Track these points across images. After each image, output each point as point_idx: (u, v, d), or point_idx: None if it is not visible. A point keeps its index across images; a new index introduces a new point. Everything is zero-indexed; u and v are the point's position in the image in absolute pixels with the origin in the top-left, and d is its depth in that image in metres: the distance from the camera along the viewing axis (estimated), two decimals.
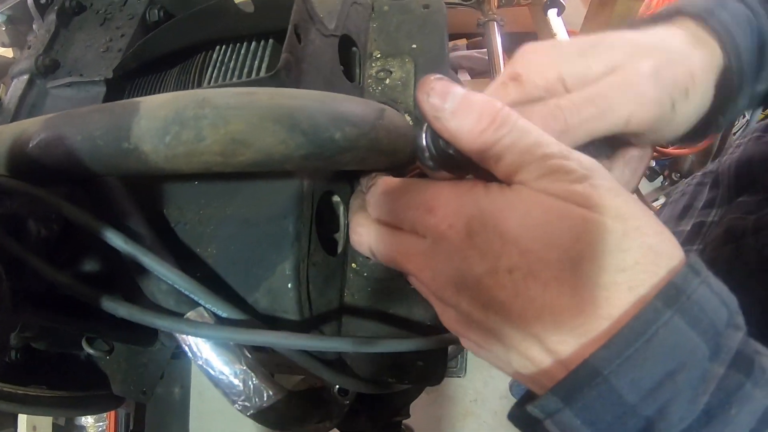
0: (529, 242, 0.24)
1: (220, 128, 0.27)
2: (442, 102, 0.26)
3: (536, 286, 0.24)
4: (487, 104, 0.26)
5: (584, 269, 0.24)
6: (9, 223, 0.42)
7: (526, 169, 0.26)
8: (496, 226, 0.25)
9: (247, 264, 0.36)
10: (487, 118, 0.25)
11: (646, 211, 0.26)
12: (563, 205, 0.25)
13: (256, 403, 0.33)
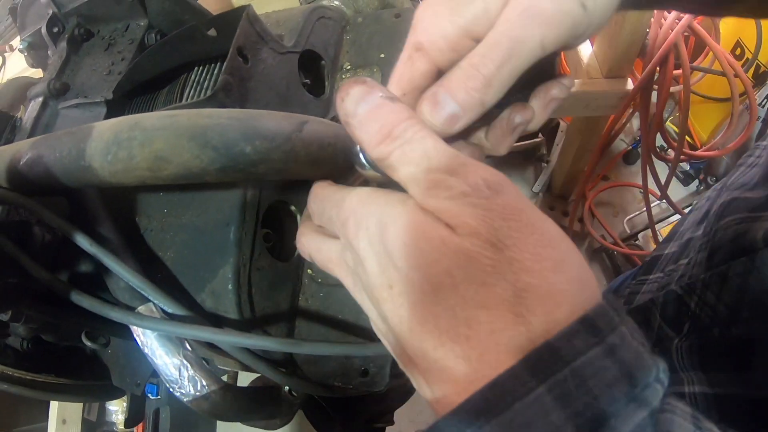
0: (401, 260, 0.24)
1: (146, 147, 0.32)
2: (354, 108, 0.26)
3: (405, 306, 0.24)
4: (391, 115, 0.25)
5: (442, 296, 0.22)
6: (18, 229, 0.49)
7: (414, 182, 0.25)
8: (384, 240, 0.25)
9: (196, 267, 0.40)
10: (385, 130, 0.25)
11: (548, 243, 0.23)
12: (430, 223, 0.23)
13: (190, 392, 0.37)
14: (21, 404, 1.30)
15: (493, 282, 0.22)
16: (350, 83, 0.26)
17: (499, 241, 0.22)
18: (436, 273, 0.22)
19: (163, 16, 0.64)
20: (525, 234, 0.22)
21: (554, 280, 0.22)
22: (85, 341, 0.56)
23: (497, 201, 0.23)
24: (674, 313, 0.58)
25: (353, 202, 0.27)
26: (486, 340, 0.21)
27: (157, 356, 0.37)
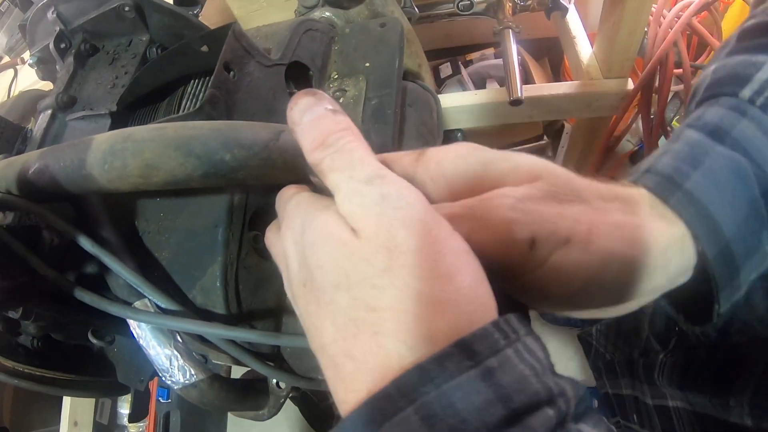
0: (311, 258, 0.26)
1: (138, 157, 0.36)
2: (300, 116, 0.28)
3: (313, 303, 0.26)
4: (328, 125, 0.27)
5: (339, 295, 0.24)
6: (28, 233, 0.54)
7: (337, 188, 0.26)
8: (303, 240, 0.27)
9: (188, 266, 0.45)
10: (320, 138, 0.27)
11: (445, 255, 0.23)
12: (338, 226, 0.25)
13: (180, 380, 0.41)
14: (34, 408, 1.36)
15: (382, 285, 0.23)
16: (301, 94, 0.29)
17: (395, 248, 0.23)
18: (335, 272, 0.24)
19: (163, 31, 0.69)
20: (423, 244, 0.23)
21: (443, 290, 0.23)
22: (91, 339, 0.61)
23: (403, 212, 0.24)
24: (662, 328, 0.59)
25: (290, 204, 0.30)
26: (369, 341, 0.23)
27: (151, 347, 0.42)
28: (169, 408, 1.32)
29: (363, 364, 0.23)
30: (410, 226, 0.24)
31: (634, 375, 0.65)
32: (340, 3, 0.69)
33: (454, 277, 0.23)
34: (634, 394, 0.66)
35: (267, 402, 0.48)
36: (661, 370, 0.56)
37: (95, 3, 0.72)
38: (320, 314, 0.25)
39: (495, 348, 0.22)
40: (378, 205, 0.24)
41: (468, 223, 0.26)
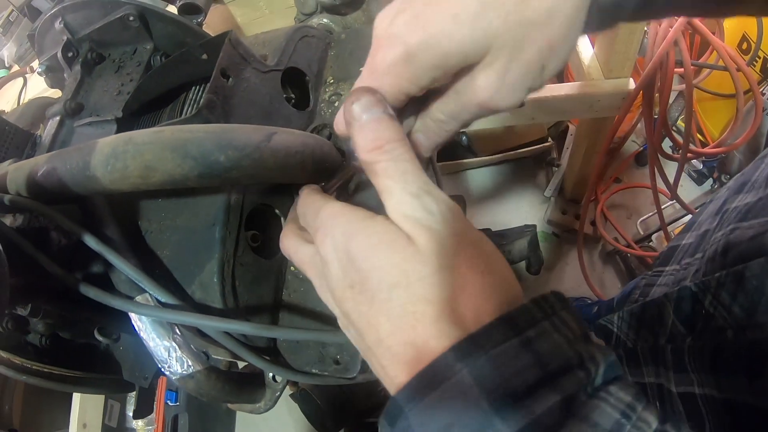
0: (364, 262, 0.29)
1: (137, 159, 0.39)
2: (360, 113, 0.31)
3: (365, 303, 0.29)
4: (386, 131, 0.30)
5: (396, 293, 0.28)
6: (37, 234, 0.58)
7: (389, 194, 0.30)
8: (349, 247, 0.30)
9: (187, 263, 0.47)
10: (378, 142, 0.30)
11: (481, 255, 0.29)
12: (394, 232, 0.29)
13: (178, 371, 0.44)
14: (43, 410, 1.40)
15: (437, 282, 0.27)
16: (363, 91, 0.31)
17: (445, 253, 0.28)
18: (395, 273, 0.28)
19: (167, 39, 0.72)
20: (464, 248, 0.29)
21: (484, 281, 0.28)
22: (97, 336, 0.64)
23: (446, 225, 0.29)
24: (688, 311, 0.59)
25: (325, 214, 0.33)
26: (428, 329, 0.27)
27: (150, 339, 0.44)
28: (177, 411, 1.36)
29: (425, 348, 0.27)
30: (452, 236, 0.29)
31: (659, 362, 0.66)
32: (338, 9, 0.72)
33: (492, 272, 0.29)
34: (657, 382, 0.66)
35: (263, 395, 0.51)
36: (692, 356, 0.56)
37: (101, 13, 0.76)
38: (374, 312, 0.29)
39: (534, 321, 0.27)
40: (426, 218, 0.29)
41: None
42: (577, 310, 0.32)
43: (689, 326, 0.59)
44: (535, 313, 0.27)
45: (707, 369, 0.54)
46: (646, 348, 0.70)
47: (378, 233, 0.29)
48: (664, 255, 0.77)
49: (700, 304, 0.56)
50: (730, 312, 0.50)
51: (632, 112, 1.36)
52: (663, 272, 0.75)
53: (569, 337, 0.27)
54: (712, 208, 0.70)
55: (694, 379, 0.56)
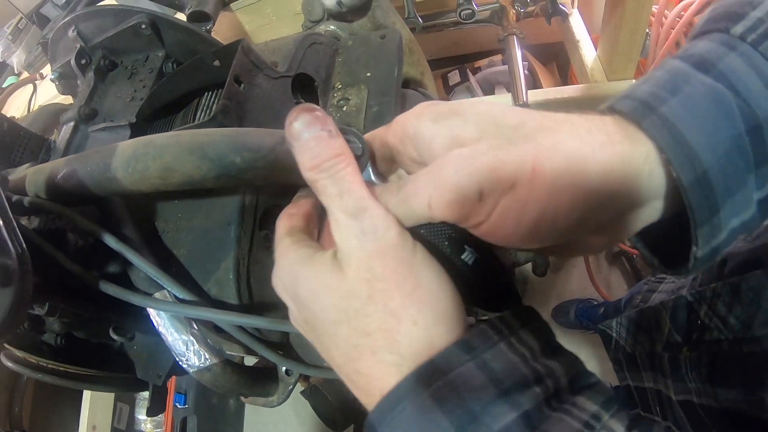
0: (309, 305, 0.31)
1: (157, 160, 0.42)
2: (300, 132, 0.31)
3: (319, 337, 0.32)
4: (325, 149, 0.30)
5: (340, 331, 0.30)
6: (55, 235, 0.60)
7: (330, 213, 0.31)
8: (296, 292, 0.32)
9: (203, 261, 0.50)
10: (317, 161, 0.30)
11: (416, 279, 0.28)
12: (327, 273, 0.30)
13: (195, 364, 0.47)
14: (53, 412, 1.43)
15: (369, 312, 0.29)
16: (302, 109, 0.31)
17: (373, 277, 0.29)
18: (334, 312, 0.30)
19: (178, 47, 0.75)
20: (394, 269, 0.29)
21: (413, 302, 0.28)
22: (112, 335, 0.67)
23: (378, 244, 0.29)
24: (683, 321, 0.59)
25: (277, 253, 0.34)
26: (370, 359, 0.29)
27: (169, 333, 0.47)
28: (186, 413, 1.38)
29: (370, 377, 0.29)
30: (383, 256, 0.29)
31: (657, 369, 0.66)
32: (344, 16, 0.74)
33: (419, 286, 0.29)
34: (656, 388, 0.67)
35: (276, 389, 0.53)
36: (688, 366, 0.57)
37: (114, 21, 0.78)
38: (326, 344, 0.31)
39: (490, 343, 0.28)
40: (358, 240, 0.29)
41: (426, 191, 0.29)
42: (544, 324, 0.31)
43: (685, 336, 0.59)
44: (491, 334, 0.29)
45: (704, 379, 0.54)
46: (644, 354, 0.71)
47: (316, 276, 0.31)
48: None
49: (696, 314, 0.57)
50: (726, 323, 0.51)
51: None
52: (665, 279, 0.76)
53: (526, 355, 0.29)
54: None
55: (691, 389, 0.57)
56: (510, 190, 0.28)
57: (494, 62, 1.66)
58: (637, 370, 0.74)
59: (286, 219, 0.36)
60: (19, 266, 0.45)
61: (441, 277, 0.30)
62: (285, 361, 0.50)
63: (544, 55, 1.68)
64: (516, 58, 1.18)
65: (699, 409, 0.55)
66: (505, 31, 1.21)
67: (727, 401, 0.50)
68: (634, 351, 0.75)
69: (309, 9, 0.76)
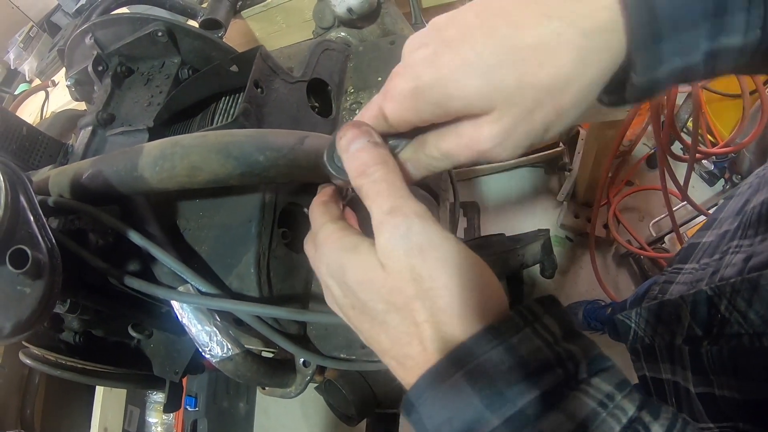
0: (358, 293, 0.34)
1: (185, 160, 0.45)
2: (347, 145, 0.35)
3: (366, 322, 0.34)
4: (369, 158, 0.34)
5: (390, 319, 0.33)
6: (76, 235, 0.63)
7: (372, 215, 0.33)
8: (344, 278, 0.34)
9: (225, 256, 0.53)
10: (362, 168, 0.34)
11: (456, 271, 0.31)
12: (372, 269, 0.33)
13: (218, 354, 0.49)
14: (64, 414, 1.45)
15: (418, 307, 0.31)
16: (349, 126, 0.35)
17: (418, 276, 0.31)
18: (383, 302, 0.33)
19: (193, 53, 0.78)
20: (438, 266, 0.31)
21: (463, 298, 0.31)
22: (131, 332, 0.69)
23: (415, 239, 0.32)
24: (704, 315, 0.60)
25: (320, 237, 0.37)
26: (419, 346, 0.32)
27: (193, 325, 0.50)
28: (196, 416, 1.41)
29: (418, 360, 0.32)
30: (423, 254, 0.31)
31: (675, 361, 0.67)
32: (354, 23, 0.77)
33: (470, 287, 0.31)
34: (674, 379, 0.69)
35: (294, 380, 0.56)
36: (709, 359, 0.58)
37: (130, 29, 0.82)
38: (375, 330, 0.34)
39: (517, 328, 0.31)
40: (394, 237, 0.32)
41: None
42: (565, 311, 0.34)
43: (705, 329, 0.61)
44: (518, 321, 0.31)
45: (728, 372, 0.56)
46: (663, 345, 0.73)
47: (362, 268, 0.33)
48: (684, 251, 0.78)
49: (716, 309, 0.58)
50: (746, 318, 0.52)
51: (641, 116, 1.41)
52: (682, 270, 0.76)
53: (549, 340, 0.31)
54: (733, 206, 0.72)
55: (713, 381, 0.58)
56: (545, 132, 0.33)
57: None
58: (655, 361, 0.75)
59: (322, 206, 0.39)
60: (50, 260, 0.48)
61: (483, 269, 0.33)
62: (303, 353, 0.53)
63: None
64: None
65: (720, 401, 0.57)
66: None
67: (750, 393, 0.52)
68: (653, 342, 0.76)
69: (320, 16, 0.80)
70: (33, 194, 0.50)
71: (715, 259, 0.65)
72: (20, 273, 0.44)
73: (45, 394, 1.42)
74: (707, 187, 1.61)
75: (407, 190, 0.34)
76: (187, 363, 0.71)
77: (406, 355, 0.33)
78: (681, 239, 1.42)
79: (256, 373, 0.52)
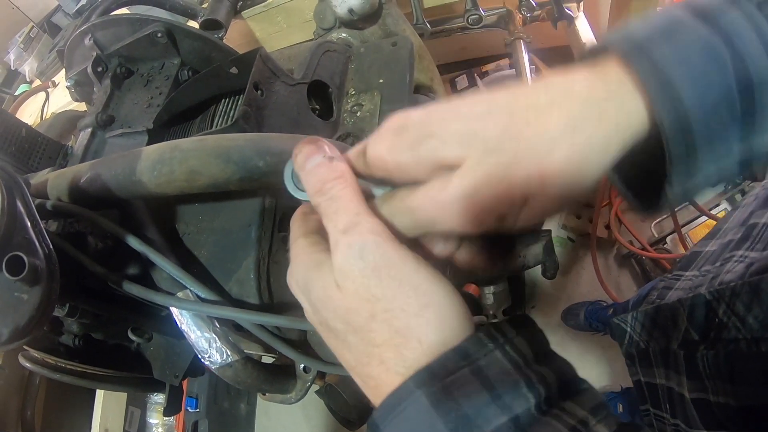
0: (321, 311, 0.33)
1: (183, 164, 0.44)
2: (303, 162, 0.34)
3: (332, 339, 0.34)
4: (325, 174, 0.33)
5: (350, 339, 0.32)
6: (75, 238, 0.62)
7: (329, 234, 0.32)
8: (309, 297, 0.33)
9: (224, 261, 0.52)
10: (318, 185, 0.33)
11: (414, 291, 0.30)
12: (330, 289, 0.31)
13: (217, 360, 0.49)
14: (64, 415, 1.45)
15: (374, 328, 0.30)
16: (304, 142, 0.34)
17: (372, 297, 0.30)
18: (341, 322, 0.32)
19: (193, 54, 0.77)
20: (394, 286, 0.30)
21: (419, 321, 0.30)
22: (131, 336, 0.69)
23: (370, 260, 0.30)
24: (701, 319, 0.60)
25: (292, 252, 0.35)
26: (378, 367, 0.31)
27: (192, 331, 0.49)
28: (197, 417, 1.40)
29: (379, 380, 0.31)
30: (378, 274, 0.30)
31: (670, 366, 0.67)
32: (355, 24, 0.77)
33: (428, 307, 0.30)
34: (668, 385, 0.68)
35: (294, 386, 0.55)
36: (705, 363, 0.57)
37: (130, 30, 0.81)
38: (340, 347, 0.33)
39: (485, 351, 0.30)
40: (348, 257, 0.31)
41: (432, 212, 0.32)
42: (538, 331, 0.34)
43: (702, 334, 0.60)
44: (486, 342, 0.30)
45: (724, 377, 0.55)
46: (658, 350, 0.72)
47: (323, 287, 0.32)
48: (687, 259, 0.78)
49: (714, 313, 0.57)
50: (744, 323, 0.51)
51: None
52: (682, 276, 0.76)
53: (518, 362, 0.30)
54: (738, 216, 0.71)
55: (708, 386, 0.57)
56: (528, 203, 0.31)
57: (501, 66, 1.68)
58: (650, 365, 0.74)
59: (301, 219, 0.37)
60: (47, 266, 0.48)
61: (445, 287, 0.31)
62: (303, 359, 0.52)
63: (551, 59, 1.70)
64: (523, 62, 1.20)
65: (714, 407, 0.56)
66: (512, 35, 1.23)
67: (747, 399, 0.51)
68: (648, 347, 0.75)
69: (321, 17, 0.79)
70: (30, 199, 0.49)
71: (717, 266, 0.65)
72: (17, 280, 0.43)
73: (45, 395, 1.42)
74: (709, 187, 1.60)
75: (365, 206, 0.32)
76: (188, 366, 0.70)
77: (369, 375, 0.32)
78: (683, 240, 1.41)
79: (256, 379, 0.51)
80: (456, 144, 0.30)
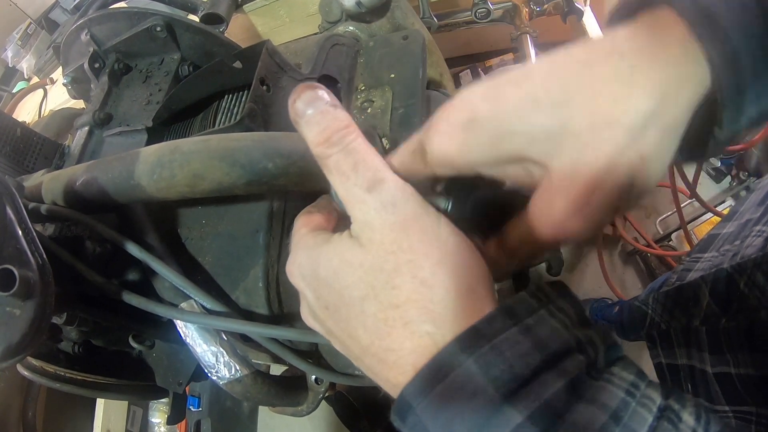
0: (333, 283, 0.30)
1: (185, 167, 0.40)
2: (304, 109, 0.29)
3: (342, 320, 0.30)
4: (333, 122, 0.29)
5: (367, 306, 0.28)
6: (72, 243, 0.58)
7: (342, 189, 0.29)
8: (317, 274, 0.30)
9: (230, 269, 0.48)
10: (326, 134, 0.29)
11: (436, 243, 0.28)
12: (348, 251, 0.29)
13: (225, 376, 0.44)
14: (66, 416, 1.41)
15: (398, 284, 0.27)
16: (302, 87, 0.30)
17: (398, 249, 0.28)
18: (361, 287, 0.29)
19: (194, 49, 0.73)
20: (418, 239, 0.28)
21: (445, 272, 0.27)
22: (132, 343, 0.65)
23: (398, 215, 0.28)
24: (723, 293, 0.60)
25: (293, 243, 0.33)
26: (402, 332, 0.27)
27: (197, 345, 0.45)
28: (200, 416, 1.36)
29: (402, 351, 0.28)
30: (407, 228, 0.28)
31: (692, 344, 0.66)
32: (363, 17, 0.72)
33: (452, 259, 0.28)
34: (690, 364, 0.67)
35: (306, 398, 0.51)
36: (727, 335, 0.57)
37: (127, 24, 0.76)
38: (351, 326, 0.29)
39: (531, 309, 0.27)
40: (378, 213, 0.28)
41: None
42: (576, 297, 0.30)
43: (724, 307, 0.59)
44: (532, 302, 0.28)
45: (744, 347, 0.54)
46: (679, 329, 0.71)
47: (337, 254, 0.30)
48: (704, 242, 0.77)
49: (735, 285, 0.57)
50: (765, 293, 0.51)
51: None
52: (701, 258, 0.75)
53: (566, 323, 0.28)
54: (755, 198, 0.71)
55: (729, 359, 0.57)
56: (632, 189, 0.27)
57: (505, 61, 1.64)
58: (671, 346, 0.74)
59: (305, 216, 0.36)
60: (41, 278, 0.43)
61: (468, 245, 0.29)
62: (315, 370, 0.48)
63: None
64: (529, 56, 1.16)
65: (736, 380, 0.55)
66: (518, 30, 1.19)
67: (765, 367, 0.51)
68: (669, 327, 0.75)
69: (327, 10, 0.74)
70: (22, 206, 0.45)
71: (736, 245, 0.65)
72: (8, 295, 0.39)
73: (47, 397, 1.38)
74: (714, 183, 1.56)
75: (383, 161, 0.30)
76: (192, 373, 0.67)
77: (389, 348, 0.28)
78: (688, 237, 1.38)
79: (267, 394, 0.47)
80: (545, 141, 0.27)
